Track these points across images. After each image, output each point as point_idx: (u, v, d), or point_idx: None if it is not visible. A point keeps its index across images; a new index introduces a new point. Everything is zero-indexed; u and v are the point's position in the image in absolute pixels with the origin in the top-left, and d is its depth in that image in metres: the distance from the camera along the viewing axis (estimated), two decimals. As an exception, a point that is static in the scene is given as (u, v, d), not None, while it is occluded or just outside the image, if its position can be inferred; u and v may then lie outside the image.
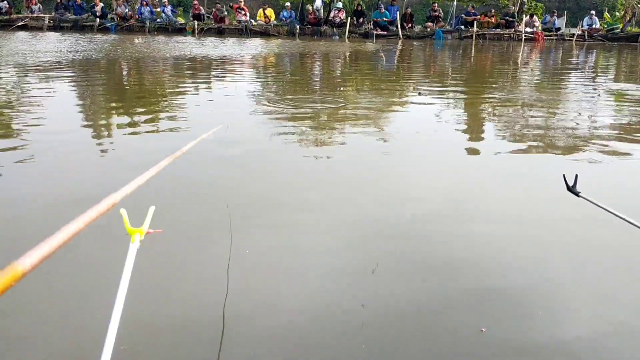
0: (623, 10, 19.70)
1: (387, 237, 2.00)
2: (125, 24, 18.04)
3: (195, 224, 2.07)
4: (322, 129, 3.86)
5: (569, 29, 19.77)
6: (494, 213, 2.27)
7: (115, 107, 4.80)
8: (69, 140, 3.38)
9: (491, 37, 18.24)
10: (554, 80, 7.88)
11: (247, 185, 2.57)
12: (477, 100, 5.67)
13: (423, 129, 4.00)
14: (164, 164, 0.85)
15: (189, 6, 20.65)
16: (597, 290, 1.66)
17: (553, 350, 1.35)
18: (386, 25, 18.37)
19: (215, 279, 1.64)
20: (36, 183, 2.57)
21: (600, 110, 5.12)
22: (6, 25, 17.30)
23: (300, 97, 5.44)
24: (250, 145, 3.29)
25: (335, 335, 1.39)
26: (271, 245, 1.90)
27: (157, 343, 1.34)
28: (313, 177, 2.76)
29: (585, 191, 1.28)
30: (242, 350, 1.32)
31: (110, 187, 0.65)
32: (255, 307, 1.50)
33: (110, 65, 8.48)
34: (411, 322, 1.46)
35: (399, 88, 6.57)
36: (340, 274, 1.70)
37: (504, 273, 1.74)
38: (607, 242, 1.97)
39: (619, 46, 16.31)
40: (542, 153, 3.40)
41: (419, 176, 2.81)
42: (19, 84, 6.01)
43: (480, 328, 1.41)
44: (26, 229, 2.00)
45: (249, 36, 17.57)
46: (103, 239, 1.75)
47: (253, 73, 8.03)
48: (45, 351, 1.30)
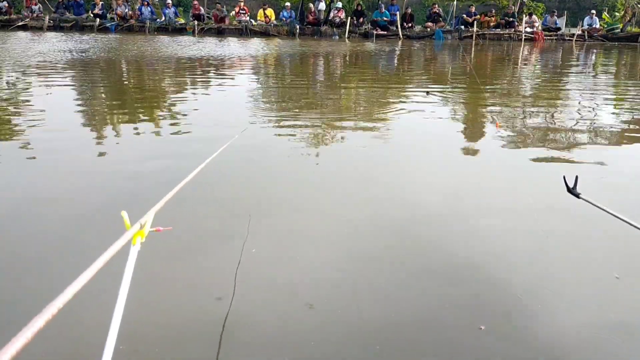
0: (623, 10, 19.68)
1: (389, 235, 2.00)
2: (125, 24, 18.04)
3: (201, 224, 2.07)
4: (327, 130, 3.87)
5: (569, 28, 19.76)
6: (493, 213, 2.27)
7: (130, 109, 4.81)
8: (73, 143, 3.38)
9: (491, 37, 18.24)
10: (554, 80, 7.88)
11: (263, 186, 2.57)
12: (477, 99, 5.67)
13: (429, 129, 4.00)
14: (192, 175, 0.86)
15: (189, 6, 20.64)
16: (597, 291, 1.66)
17: (552, 349, 1.35)
18: (386, 25, 18.36)
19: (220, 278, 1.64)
20: (68, 187, 2.57)
21: (600, 110, 5.12)
22: (6, 25, 17.29)
23: (308, 100, 5.44)
24: (266, 148, 3.29)
25: (336, 333, 1.39)
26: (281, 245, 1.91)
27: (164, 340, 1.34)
28: (320, 178, 2.76)
29: (586, 192, 1.28)
30: (242, 350, 1.32)
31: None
32: (256, 307, 1.50)
33: (115, 65, 8.48)
34: (412, 320, 1.46)
35: (407, 89, 6.57)
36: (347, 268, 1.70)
37: (504, 273, 1.74)
38: (607, 244, 1.97)
39: (619, 46, 16.31)
40: (543, 153, 3.40)
41: (422, 175, 2.81)
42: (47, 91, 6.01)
43: (479, 326, 1.42)
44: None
45: (249, 36, 17.57)
46: (105, 241, 1.75)
47: (260, 74, 8.02)
48: (45, 352, 1.30)
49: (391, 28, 18.35)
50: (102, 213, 2.16)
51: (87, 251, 1.75)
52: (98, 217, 2.13)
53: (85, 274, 0.58)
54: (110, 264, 0.66)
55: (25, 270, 1.71)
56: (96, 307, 1.42)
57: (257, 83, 6.75)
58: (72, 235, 1.98)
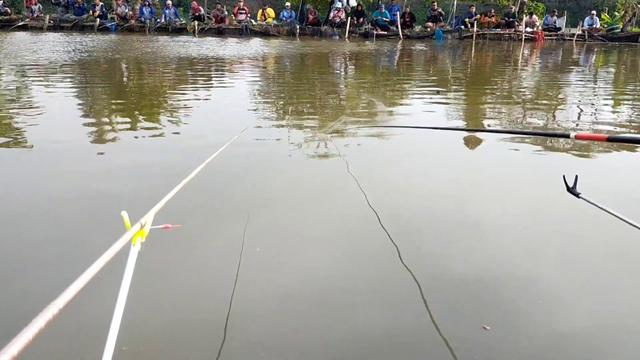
0: (623, 10, 19.68)
1: (386, 233, 2.00)
2: (125, 24, 18.03)
3: (203, 222, 2.07)
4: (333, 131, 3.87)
5: (569, 28, 19.75)
6: (493, 213, 2.27)
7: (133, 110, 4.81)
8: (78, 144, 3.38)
9: (491, 37, 18.24)
10: (555, 80, 7.88)
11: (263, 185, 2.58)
12: (478, 100, 5.67)
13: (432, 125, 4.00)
14: (192, 175, 0.86)
15: (189, 6, 20.64)
16: (597, 290, 1.66)
17: (551, 347, 1.35)
18: (386, 25, 18.35)
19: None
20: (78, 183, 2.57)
21: (600, 110, 5.12)
22: (6, 25, 17.29)
23: (314, 99, 5.44)
24: (268, 148, 3.29)
25: (336, 331, 1.39)
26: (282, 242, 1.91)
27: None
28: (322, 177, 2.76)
29: (586, 192, 1.28)
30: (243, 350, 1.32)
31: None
32: (258, 306, 1.51)
33: (115, 65, 8.48)
34: (413, 320, 1.46)
35: (417, 88, 6.57)
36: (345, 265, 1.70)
37: (504, 272, 1.74)
38: (607, 243, 1.97)
39: (619, 46, 16.30)
40: (543, 152, 3.40)
41: (422, 175, 2.81)
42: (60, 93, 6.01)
43: (483, 326, 1.42)
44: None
45: (250, 36, 17.57)
46: (105, 241, 1.75)
47: (260, 74, 8.03)
48: (45, 352, 1.30)
49: (391, 28, 18.35)
50: (102, 213, 2.16)
51: (87, 251, 1.75)
52: (98, 217, 2.13)
53: (85, 274, 0.58)
54: (111, 264, 0.66)
55: (26, 270, 1.71)
56: (96, 307, 1.42)
57: (257, 83, 6.75)
58: (72, 235, 1.98)
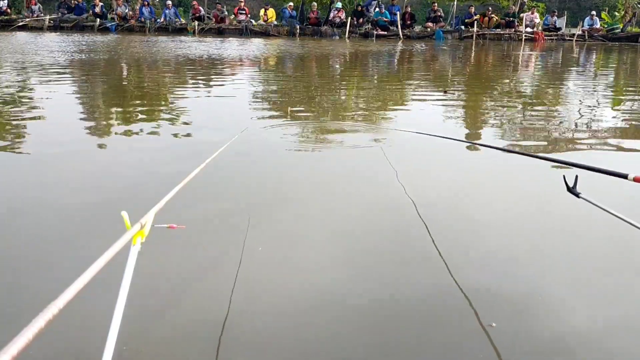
0: (623, 11, 19.69)
1: (389, 232, 2.00)
2: (125, 24, 18.05)
3: (203, 222, 2.07)
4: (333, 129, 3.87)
5: (569, 29, 19.77)
6: (492, 212, 2.27)
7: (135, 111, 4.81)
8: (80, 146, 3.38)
9: (491, 37, 18.26)
10: (556, 80, 7.88)
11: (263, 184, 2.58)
12: (479, 99, 5.67)
13: (433, 126, 4.00)
14: (192, 175, 0.87)
15: (189, 6, 20.65)
16: (597, 290, 1.66)
17: (551, 348, 1.35)
18: (386, 25, 18.37)
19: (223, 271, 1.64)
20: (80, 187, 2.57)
21: (601, 109, 5.12)
22: (6, 25, 17.30)
23: (322, 99, 5.44)
24: (270, 148, 3.29)
25: (336, 330, 1.39)
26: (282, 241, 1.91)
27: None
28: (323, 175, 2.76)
29: (586, 192, 1.28)
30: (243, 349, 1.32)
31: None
32: (259, 306, 1.51)
33: (115, 65, 8.48)
34: (414, 320, 1.46)
35: (424, 87, 6.57)
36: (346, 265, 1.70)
37: (503, 272, 1.74)
38: (607, 243, 1.97)
39: (620, 46, 16.31)
40: (543, 152, 3.40)
41: (422, 174, 2.81)
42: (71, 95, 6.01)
43: (490, 323, 1.42)
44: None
45: (250, 36, 17.58)
46: (105, 241, 1.75)
47: (260, 74, 8.03)
48: (45, 352, 1.30)
49: (391, 28, 18.36)
50: (102, 213, 2.16)
51: (87, 251, 1.75)
52: (98, 217, 2.13)
53: (85, 274, 0.58)
54: (111, 264, 0.66)
55: (26, 270, 1.71)
56: (96, 307, 1.42)
57: (257, 83, 6.75)
58: (72, 235, 1.98)
